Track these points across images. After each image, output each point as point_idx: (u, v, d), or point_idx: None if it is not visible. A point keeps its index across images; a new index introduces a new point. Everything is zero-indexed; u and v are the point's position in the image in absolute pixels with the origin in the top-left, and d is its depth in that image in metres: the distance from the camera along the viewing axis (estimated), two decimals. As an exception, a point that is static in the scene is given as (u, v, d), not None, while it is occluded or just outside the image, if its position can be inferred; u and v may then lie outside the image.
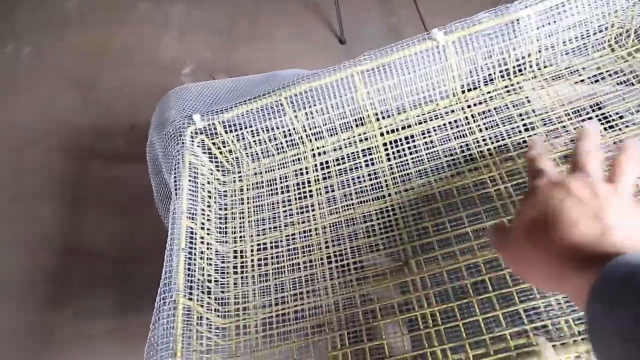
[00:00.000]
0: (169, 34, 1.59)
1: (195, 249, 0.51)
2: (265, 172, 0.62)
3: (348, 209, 0.55)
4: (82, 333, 1.01)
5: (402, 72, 0.56)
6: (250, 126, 0.60)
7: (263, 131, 0.60)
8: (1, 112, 1.35)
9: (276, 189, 0.60)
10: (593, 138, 0.39)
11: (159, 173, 0.67)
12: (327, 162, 0.60)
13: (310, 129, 0.61)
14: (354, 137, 0.61)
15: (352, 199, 0.56)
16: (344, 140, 0.61)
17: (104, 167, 1.28)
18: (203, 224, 0.54)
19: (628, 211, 0.33)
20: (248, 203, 0.60)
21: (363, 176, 0.57)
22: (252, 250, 0.56)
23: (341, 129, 0.61)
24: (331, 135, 0.62)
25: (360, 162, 0.58)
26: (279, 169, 0.62)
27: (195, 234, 0.52)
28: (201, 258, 0.51)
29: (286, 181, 0.60)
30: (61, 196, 1.20)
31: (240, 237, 0.57)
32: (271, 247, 0.55)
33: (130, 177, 1.28)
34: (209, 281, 0.51)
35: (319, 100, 0.58)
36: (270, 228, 0.57)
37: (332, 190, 0.57)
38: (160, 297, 0.47)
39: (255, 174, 0.62)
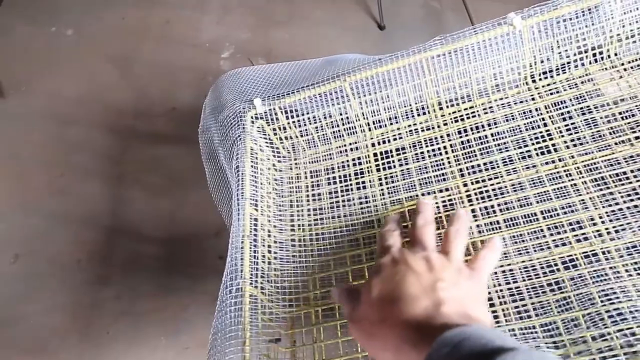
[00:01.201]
0: (208, 15, 1.58)
1: (257, 236, 0.50)
2: (323, 159, 0.60)
3: (412, 200, 0.54)
4: (125, 312, 1.03)
5: (473, 58, 0.53)
6: (311, 112, 0.59)
7: (324, 118, 0.59)
8: (48, 88, 1.36)
9: (334, 177, 0.59)
10: (426, 213, 0.46)
11: (214, 158, 0.67)
12: (388, 152, 0.58)
13: (372, 116, 0.59)
14: (417, 125, 0.59)
15: (415, 190, 0.54)
16: (407, 128, 0.59)
17: (145, 148, 1.29)
18: (264, 211, 0.53)
19: (459, 279, 0.37)
20: (306, 191, 0.59)
21: (427, 167, 0.55)
22: (311, 239, 0.55)
23: (405, 117, 0.59)
24: (393, 123, 0.60)
25: (424, 152, 0.56)
26: (337, 156, 0.60)
27: (258, 221, 0.51)
28: (263, 246, 0.50)
29: (344, 169, 0.59)
30: (104, 174, 1.22)
31: (299, 225, 0.56)
32: (331, 237, 0.54)
33: (171, 158, 1.29)
34: (272, 270, 0.50)
35: (383, 86, 0.56)
36: (329, 217, 0.56)
37: (394, 181, 0.56)
38: (226, 284, 0.46)
39: (313, 161, 0.61)
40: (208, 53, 1.52)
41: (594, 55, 0.54)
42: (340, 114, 0.59)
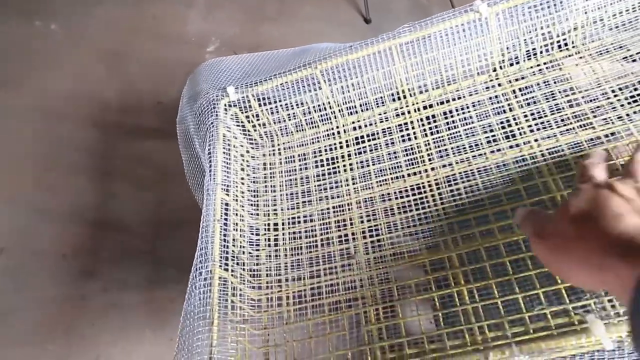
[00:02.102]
0: (196, 10, 1.58)
1: (229, 221, 0.51)
2: (298, 146, 0.61)
3: (383, 184, 0.55)
4: (113, 304, 1.04)
5: (442, 45, 0.54)
6: (284, 100, 0.59)
7: (296, 105, 0.59)
8: (36, 84, 1.37)
9: (308, 163, 0.60)
10: None
11: (190, 147, 0.68)
12: (361, 137, 0.59)
13: (344, 103, 0.60)
14: (388, 112, 0.60)
15: (387, 174, 0.55)
16: (378, 115, 0.60)
17: (132, 142, 1.30)
18: (237, 196, 0.54)
19: None
20: (280, 177, 0.59)
21: (397, 152, 0.56)
22: (283, 224, 0.56)
23: (376, 104, 0.60)
24: (365, 110, 0.61)
25: (395, 138, 0.57)
26: (311, 143, 0.61)
27: (229, 206, 0.52)
28: (235, 230, 0.51)
29: (319, 155, 0.60)
30: (92, 169, 1.22)
31: (273, 210, 0.57)
32: (305, 221, 0.55)
33: (157, 152, 1.29)
34: (243, 253, 0.51)
35: (354, 74, 0.57)
36: (303, 202, 0.57)
37: (367, 166, 0.57)
38: (196, 267, 0.47)
39: (287, 148, 0.61)
40: (195, 48, 1.52)
41: (559, 42, 0.55)
42: (313, 101, 0.59)
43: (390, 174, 0.55)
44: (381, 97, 0.60)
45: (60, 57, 1.50)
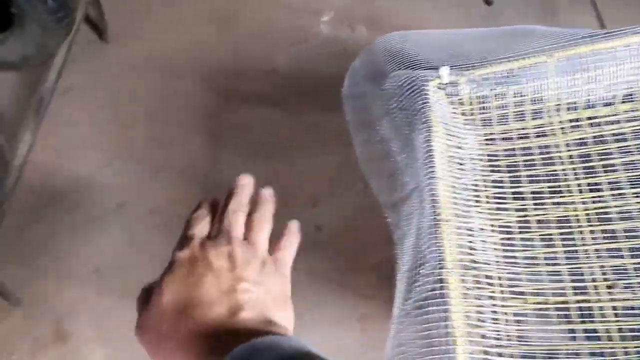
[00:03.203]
0: (310, -24, 1.52)
1: (445, 221, 0.45)
2: (502, 140, 0.55)
3: (619, 199, 0.47)
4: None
5: None
6: (497, 88, 0.53)
7: (513, 95, 0.53)
8: (151, 39, 1.35)
9: (517, 162, 0.53)
10: (241, 196, 0.38)
11: (367, 127, 0.62)
12: (585, 142, 0.52)
13: (567, 98, 0.52)
14: (619, 114, 0.52)
15: (623, 187, 0.48)
16: (605, 116, 0.52)
17: (244, 108, 1.26)
18: (455, 192, 0.48)
19: (263, 277, 0.33)
20: (482, 173, 0.53)
21: (634, 162, 0.49)
22: (493, 228, 0.49)
23: (604, 103, 0.52)
24: (588, 107, 0.53)
25: (632, 145, 0.50)
26: (517, 138, 0.54)
27: (445, 204, 0.46)
28: (459, 232, 0.45)
29: (529, 155, 0.53)
30: (203, 131, 1.20)
31: (479, 212, 0.51)
32: (540, 227, 0.48)
33: (268, 121, 1.26)
34: (472, 260, 0.45)
35: (592, 67, 0.50)
36: (535, 204, 0.50)
37: (594, 174, 0.49)
38: (415, 272, 0.42)
39: (489, 142, 0.55)
40: (308, 15, 1.46)
41: None
42: (532, 92, 0.52)
43: (630, 187, 0.47)
44: (612, 96, 0.52)
45: (174, 13, 1.47)
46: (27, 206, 1.04)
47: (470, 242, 0.46)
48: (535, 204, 0.49)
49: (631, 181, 0.46)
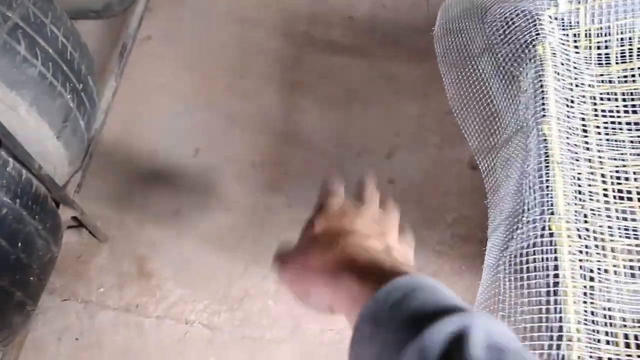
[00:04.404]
0: None
1: (554, 165, 0.41)
2: (620, 81, 0.48)
3: None
4: (297, 221, 1.02)
5: None
6: (619, 19, 0.46)
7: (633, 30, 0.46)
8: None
9: (636, 105, 0.46)
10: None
11: (462, 65, 0.57)
12: None
13: None
14: None
15: None
16: None
17: (321, 57, 1.23)
18: (563, 135, 0.43)
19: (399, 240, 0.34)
20: (596, 117, 0.47)
21: None
22: (604, 177, 0.44)
23: None
24: None
25: None
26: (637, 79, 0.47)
27: (555, 145, 0.42)
28: (570, 177, 0.41)
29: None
30: (280, 80, 1.18)
31: (589, 158, 0.45)
32: (636, 179, 0.43)
33: (345, 70, 1.22)
34: (582, 207, 0.41)
35: None
36: (630, 154, 0.44)
37: None
38: (521, 217, 0.38)
39: (605, 81, 0.49)
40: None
41: None
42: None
43: None
44: None
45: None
46: (110, 150, 1.07)
47: (585, 189, 0.41)
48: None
49: None
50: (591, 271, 0.38)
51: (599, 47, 0.48)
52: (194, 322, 0.93)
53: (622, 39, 0.47)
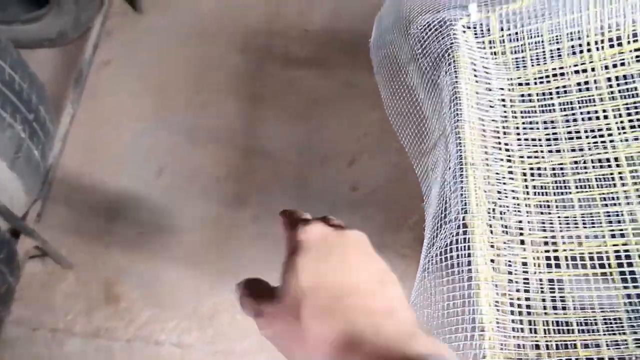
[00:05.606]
0: None
1: (469, 165, 0.43)
2: (536, 82, 0.51)
3: (666, 136, 0.44)
4: (261, 234, 1.03)
5: None
6: (529, 24, 0.49)
7: (548, 32, 0.49)
8: (185, 5, 1.35)
9: (552, 104, 0.49)
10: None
11: (396, 76, 0.60)
12: (627, 77, 0.48)
13: (608, 31, 0.48)
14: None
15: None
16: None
17: (280, 69, 1.25)
18: (482, 137, 0.45)
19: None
20: (515, 117, 0.50)
21: (684, 96, 0.44)
22: (524, 175, 0.47)
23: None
24: (630, 42, 0.48)
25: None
26: (553, 79, 0.50)
27: (473, 147, 0.44)
28: (484, 177, 0.43)
29: (565, 95, 0.49)
30: (240, 93, 1.20)
31: (517, 156, 0.48)
32: (553, 175, 0.46)
33: (305, 80, 1.24)
34: (495, 204, 0.43)
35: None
36: (547, 151, 0.47)
37: (637, 111, 0.46)
38: (441, 216, 0.41)
39: (522, 83, 0.51)
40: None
41: None
42: (569, 27, 0.48)
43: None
44: (661, 25, 0.47)
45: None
46: (72, 176, 1.08)
47: (499, 187, 0.44)
48: (571, 147, 0.46)
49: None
50: (508, 264, 0.41)
51: (515, 52, 0.50)
52: (164, 342, 0.93)
53: (535, 43, 0.49)
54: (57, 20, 1.14)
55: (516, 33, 0.49)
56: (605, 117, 0.46)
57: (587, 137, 0.45)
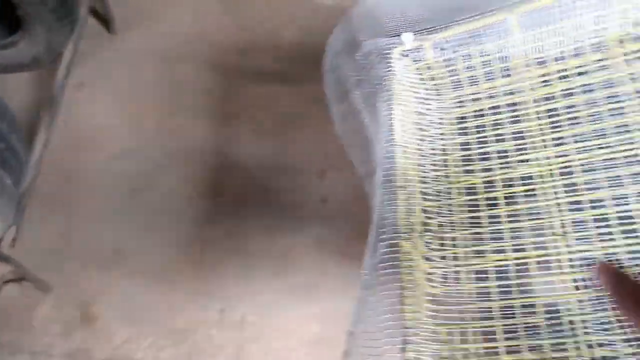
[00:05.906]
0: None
1: (410, 186, 0.46)
2: (471, 103, 0.54)
3: (583, 152, 0.47)
4: (235, 251, 1.06)
5: None
6: (461, 50, 0.52)
7: (479, 55, 0.52)
8: (154, 26, 1.37)
9: (483, 125, 0.52)
10: None
11: (345, 100, 0.63)
12: (554, 96, 0.51)
13: (534, 52, 0.51)
14: (588, 64, 0.50)
15: (589, 140, 0.47)
16: (576, 67, 0.51)
17: (251, 87, 1.28)
18: (419, 159, 0.48)
19: None
20: (452, 137, 0.53)
21: (600, 113, 0.48)
22: (459, 193, 0.50)
23: (575, 53, 0.51)
24: (558, 61, 0.52)
25: (599, 97, 0.48)
26: (486, 100, 0.54)
27: (408, 170, 0.47)
28: (421, 197, 0.46)
29: (497, 115, 0.52)
30: (212, 112, 1.22)
31: (445, 175, 0.51)
32: (486, 191, 0.49)
33: (276, 97, 1.27)
34: (429, 225, 0.46)
35: (557, 19, 0.48)
36: (481, 169, 0.50)
37: (559, 129, 0.49)
38: (376, 236, 0.43)
39: (458, 105, 0.55)
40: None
41: None
42: (498, 51, 0.52)
43: (594, 139, 0.47)
44: (581, 47, 0.50)
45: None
46: (46, 199, 1.09)
47: (433, 206, 0.47)
48: (500, 164, 0.49)
49: (596, 133, 0.46)
50: (444, 278, 0.43)
51: (450, 75, 0.54)
52: (141, 360, 0.95)
53: (468, 67, 0.53)
54: (29, 46, 1.16)
55: (450, 59, 0.52)
56: (531, 136, 0.49)
57: (516, 156, 0.48)
